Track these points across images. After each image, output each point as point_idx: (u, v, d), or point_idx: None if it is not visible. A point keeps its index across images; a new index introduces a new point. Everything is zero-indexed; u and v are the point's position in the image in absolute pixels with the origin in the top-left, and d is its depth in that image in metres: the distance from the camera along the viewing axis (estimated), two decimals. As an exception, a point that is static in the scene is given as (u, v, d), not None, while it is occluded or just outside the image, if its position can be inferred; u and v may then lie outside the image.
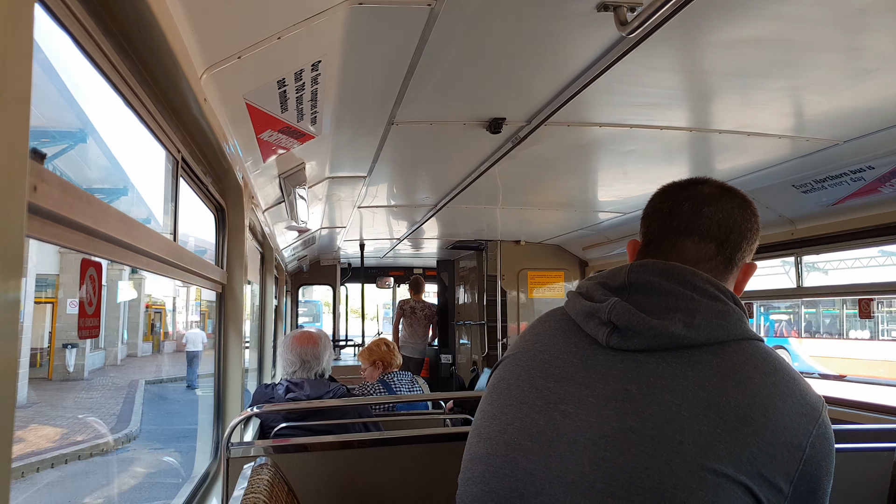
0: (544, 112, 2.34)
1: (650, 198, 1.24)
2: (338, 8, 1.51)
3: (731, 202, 1.16)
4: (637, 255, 1.21)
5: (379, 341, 4.03)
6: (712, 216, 1.14)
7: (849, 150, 2.64)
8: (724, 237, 1.14)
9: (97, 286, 1.19)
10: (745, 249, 1.16)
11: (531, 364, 1.11)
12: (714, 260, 1.13)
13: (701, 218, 1.14)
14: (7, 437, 0.63)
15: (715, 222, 1.14)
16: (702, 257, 1.12)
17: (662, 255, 1.14)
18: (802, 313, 20.00)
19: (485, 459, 1.07)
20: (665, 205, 1.20)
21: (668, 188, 1.23)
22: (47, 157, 7.58)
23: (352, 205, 4.53)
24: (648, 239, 1.20)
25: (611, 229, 5.33)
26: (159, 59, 1.32)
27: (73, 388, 15.79)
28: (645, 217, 1.23)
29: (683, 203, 1.17)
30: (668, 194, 1.21)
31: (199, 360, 18.17)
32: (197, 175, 2.01)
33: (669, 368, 0.99)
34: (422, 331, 8.70)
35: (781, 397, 0.97)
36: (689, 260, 1.11)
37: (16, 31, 0.63)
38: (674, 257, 1.12)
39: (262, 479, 1.92)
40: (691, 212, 1.15)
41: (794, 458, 0.94)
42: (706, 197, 1.16)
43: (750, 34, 1.71)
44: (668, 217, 1.17)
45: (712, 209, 1.14)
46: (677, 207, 1.17)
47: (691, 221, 1.15)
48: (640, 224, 1.24)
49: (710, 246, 1.13)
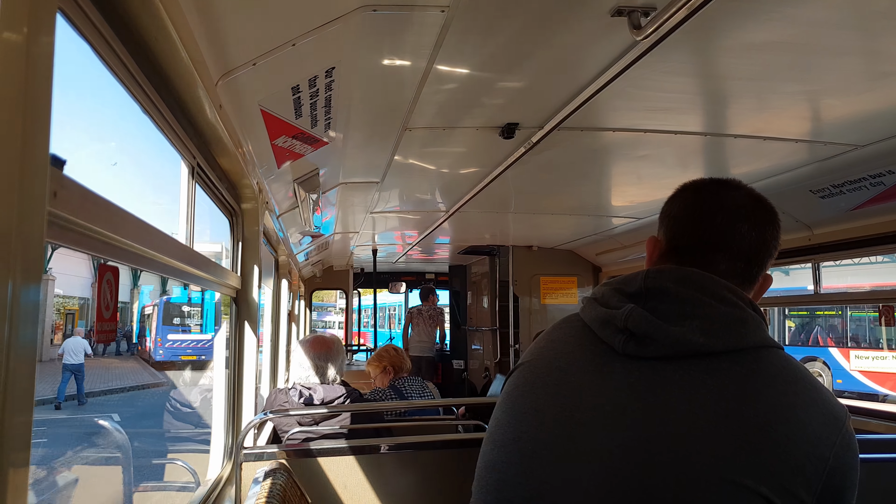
0: (557, 117, 2.33)
1: (675, 194, 1.19)
2: (352, 15, 1.52)
3: (763, 218, 1.13)
4: (660, 258, 1.17)
5: (387, 347, 4.03)
6: (746, 235, 1.10)
7: (868, 154, 2.61)
8: (753, 255, 1.11)
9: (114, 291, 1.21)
10: (767, 265, 1.14)
11: (546, 371, 1.09)
12: (741, 276, 1.11)
13: (735, 235, 1.11)
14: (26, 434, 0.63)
15: (748, 242, 1.11)
16: (729, 274, 1.09)
17: (689, 266, 1.10)
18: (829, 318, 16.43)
19: (499, 467, 1.05)
20: (695, 212, 1.15)
21: (697, 188, 1.18)
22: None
23: (365, 210, 4.54)
24: (674, 244, 1.15)
25: (624, 235, 5.29)
26: (175, 67, 1.34)
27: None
28: (670, 217, 1.18)
29: (716, 214, 1.12)
30: (698, 198, 1.17)
31: (82, 374, 15.45)
32: (212, 181, 2.03)
33: (687, 377, 0.97)
34: (428, 330, 8.97)
35: (803, 407, 0.95)
36: (719, 275, 1.07)
37: (38, 40, 0.65)
38: (701, 270, 1.08)
39: (275, 483, 1.92)
40: (725, 226, 1.11)
41: (818, 469, 0.91)
42: (740, 210, 1.12)
43: (765, 38, 1.69)
44: (698, 227, 1.13)
45: (746, 226, 1.11)
46: (709, 219, 1.13)
47: (725, 238, 1.11)
48: (662, 221, 1.19)
49: (739, 264, 1.11)
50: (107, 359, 23.34)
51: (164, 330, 22.45)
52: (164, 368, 21.46)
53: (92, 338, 20.24)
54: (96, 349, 22.61)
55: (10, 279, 0.60)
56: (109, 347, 24.52)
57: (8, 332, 0.59)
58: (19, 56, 0.62)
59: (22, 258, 0.62)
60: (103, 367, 21.64)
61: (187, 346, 22.33)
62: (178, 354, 22.29)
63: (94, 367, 18.83)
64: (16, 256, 0.60)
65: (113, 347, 25.73)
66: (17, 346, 0.61)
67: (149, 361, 22.91)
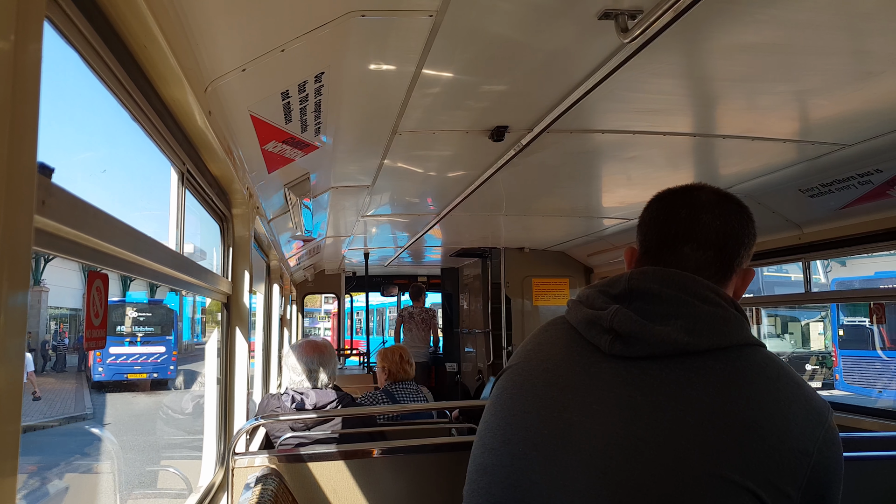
0: (547, 119, 2.34)
1: (646, 205, 1.24)
2: (341, 20, 1.52)
3: (727, 208, 1.16)
4: (636, 263, 1.20)
5: (396, 350, 3.93)
6: (710, 223, 1.13)
7: (856, 153, 2.63)
8: (721, 244, 1.13)
9: (104, 298, 1.20)
10: (742, 256, 1.15)
11: (534, 374, 1.10)
12: (713, 267, 1.13)
13: (699, 225, 1.14)
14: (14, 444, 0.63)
15: (713, 229, 1.13)
16: (701, 265, 1.12)
17: (662, 262, 1.13)
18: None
19: (490, 470, 1.06)
20: (662, 212, 1.19)
21: (663, 195, 1.22)
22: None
23: (356, 214, 4.54)
24: (647, 247, 1.19)
25: (615, 236, 5.32)
26: (164, 73, 1.33)
27: None
28: (642, 224, 1.22)
29: (680, 210, 1.16)
30: (664, 202, 1.21)
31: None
32: (202, 186, 2.03)
33: (673, 375, 0.98)
34: (422, 335, 8.82)
35: (786, 402, 0.97)
36: (689, 267, 1.10)
37: (25, 48, 0.64)
38: (674, 265, 1.11)
39: (266, 489, 1.92)
40: (688, 219, 1.15)
41: (802, 463, 0.93)
42: (703, 203, 1.16)
43: (752, 39, 1.71)
44: (665, 224, 1.17)
45: (709, 216, 1.14)
46: (674, 214, 1.17)
47: (689, 228, 1.14)
48: (637, 232, 1.23)
49: (708, 253, 1.13)
50: (43, 377, 18.86)
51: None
52: (103, 391, 17.36)
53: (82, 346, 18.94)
54: (39, 365, 19.09)
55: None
56: (52, 362, 20.56)
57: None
58: (6, 64, 0.61)
59: (9, 267, 0.61)
60: (26, 388, 17.53)
61: (134, 363, 18.14)
62: (124, 372, 18.11)
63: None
64: (2, 266, 0.60)
65: (63, 361, 21.18)
66: (3, 355, 0.60)
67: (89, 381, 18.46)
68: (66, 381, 19.38)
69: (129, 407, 16.11)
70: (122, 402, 16.43)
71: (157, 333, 18.69)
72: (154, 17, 1.11)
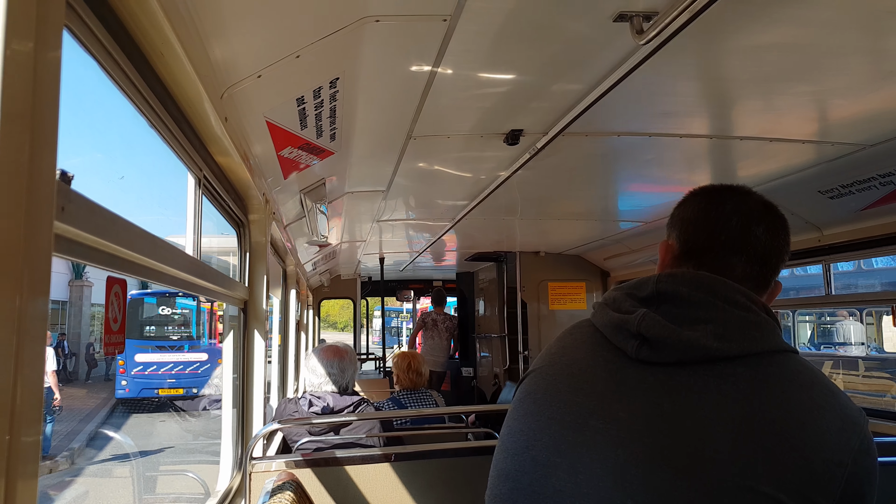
0: (562, 122, 2.33)
1: (686, 198, 1.19)
2: (355, 25, 1.52)
3: (776, 223, 1.13)
4: (673, 261, 1.16)
5: (405, 357, 3.89)
6: (761, 237, 1.11)
7: (876, 154, 2.59)
8: (767, 259, 1.11)
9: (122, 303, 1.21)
10: (779, 271, 1.14)
11: (558, 378, 1.08)
12: (755, 280, 1.10)
13: (751, 238, 1.11)
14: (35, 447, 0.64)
15: (763, 244, 1.11)
16: (745, 277, 1.09)
17: (705, 269, 1.10)
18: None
19: (512, 476, 1.04)
20: (710, 214, 1.15)
21: (708, 193, 1.18)
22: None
23: (371, 219, 4.56)
24: (689, 247, 1.15)
25: (632, 239, 5.27)
26: (181, 80, 1.35)
27: None
28: (682, 221, 1.17)
29: (731, 217, 1.12)
30: (712, 202, 1.16)
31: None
32: (219, 192, 2.05)
33: (702, 382, 0.95)
34: (444, 344, 8.67)
35: (819, 411, 0.93)
36: (735, 279, 1.07)
37: (45, 56, 0.65)
38: (717, 273, 1.08)
39: (284, 493, 1.92)
40: (741, 229, 1.11)
41: (836, 475, 0.90)
42: (753, 213, 1.13)
43: (769, 39, 1.69)
44: (714, 229, 1.13)
45: (761, 229, 1.11)
46: (725, 221, 1.12)
47: (741, 240, 1.11)
48: (674, 226, 1.19)
49: (755, 268, 1.10)
50: (76, 388, 15.45)
51: (129, 347, 13.29)
52: (129, 411, 12.98)
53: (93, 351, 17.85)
54: (83, 372, 16.24)
55: (18, 294, 0.60)
56: (73, 370, 16.90)
57: (16, 347, 0.60)
58: (26, 72, 0.62)
59: (29, 273, 0.62)
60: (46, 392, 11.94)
61: (167, 373, 13.69)
62: (154, 387, 13.54)
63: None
64: (23, 272, 0.61)
65: (83, 370, 17.02)
66: (24, 360, 0.61)
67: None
68: (98, 393, 15.40)
69: (148, 438, 10.59)
70: (143, 432, 11.15)
71: (193, 337, 14.35)
72: (170, 25, 1.13)
